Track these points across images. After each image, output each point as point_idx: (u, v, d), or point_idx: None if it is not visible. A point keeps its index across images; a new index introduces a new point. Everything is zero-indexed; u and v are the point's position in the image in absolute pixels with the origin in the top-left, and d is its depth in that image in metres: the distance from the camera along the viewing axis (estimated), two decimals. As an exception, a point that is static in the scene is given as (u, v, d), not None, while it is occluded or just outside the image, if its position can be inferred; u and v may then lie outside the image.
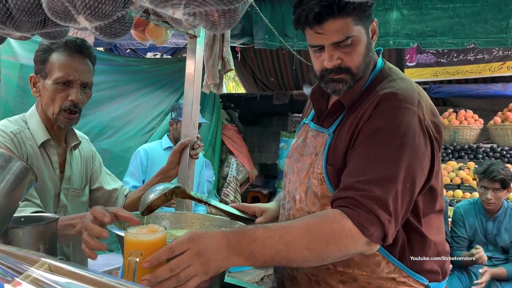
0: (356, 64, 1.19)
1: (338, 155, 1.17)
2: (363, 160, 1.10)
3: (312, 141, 1.30)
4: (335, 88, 1.21)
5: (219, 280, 1.32)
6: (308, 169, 1.26)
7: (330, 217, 1.04)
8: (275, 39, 4.00)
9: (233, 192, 5.26)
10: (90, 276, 0.68)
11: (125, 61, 4.97)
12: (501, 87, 5.36)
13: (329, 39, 1.15)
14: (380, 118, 1.12)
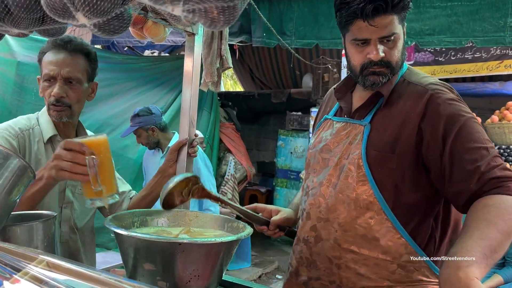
0: (396, 59, 1.28)
1: (386, 142, 1.26)
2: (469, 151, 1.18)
3: (341, 131, 1.37)
4: (375, 80, 1.29)
5: (217, 278, 1.33)
6: (341, 156, 1.33)
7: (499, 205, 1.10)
8: (273, 37, 4.00)
9: (231, 190, 5.26)
10: (88, 273, 0.68)
11: (122, 59, 4.96)
12: (498, 86, 5.38)
13: (378, 33, 1.24)
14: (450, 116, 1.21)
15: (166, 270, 1.20)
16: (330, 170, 1.36)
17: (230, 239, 1.24)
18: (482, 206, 1.12)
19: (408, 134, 1.24)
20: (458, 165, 1.19)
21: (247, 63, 7.64)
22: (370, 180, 1.26)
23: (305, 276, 1.38)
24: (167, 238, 1.27)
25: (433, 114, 1.23)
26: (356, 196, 1.27)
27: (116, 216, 1.40)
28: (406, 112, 1.26)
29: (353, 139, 1.33)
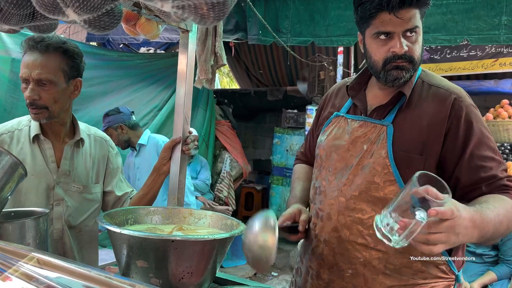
0: (417, 54, 1.27)
1: (414, 143, 1.27)
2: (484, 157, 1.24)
3: (359, 130, 1.36)
4: (398, 75, 1.27)
5: (211, 275, 1.33)
6: (363, 156, 1.32)
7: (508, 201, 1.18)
8: (269, 35, 4.00)
9: (226, 187, 5.26)
10: (79, 270, 0.68)
11: (117, 56, 4.93)
12: (493, 84, 5.39)
13: (402, 26, 1.23)
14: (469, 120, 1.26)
15: (159, 267, 1.20)
16: (352, 169, 1.33)
17: (223, 236, 1.24)
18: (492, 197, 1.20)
19: (435, 137, 1.26)
20: (474, 171, 1.24)
21: (243, 60, 7.63)
22: (399, 180, 1.25)
23: (327, 279, 1.36)
24: (160, 235, 1.26)
25: (456, 119, 1.26)
26: (384, 196, 1.27)
27: (110, 213, 1.40)
28: (432, 114, 1.27)
29: (375, 139, 1.31)
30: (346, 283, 1.32)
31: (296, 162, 1.75)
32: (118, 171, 1.79)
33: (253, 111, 7.90)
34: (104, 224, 1.24)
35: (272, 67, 7.37)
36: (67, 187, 1.59)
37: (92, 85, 4.37)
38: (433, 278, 1.29)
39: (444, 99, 1.28)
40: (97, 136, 1.76)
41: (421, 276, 1.28)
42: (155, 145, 3.43)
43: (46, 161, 1.56)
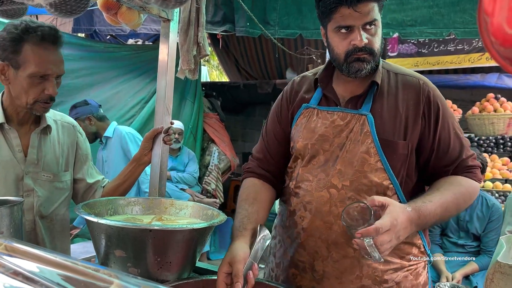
0: (377, 46, 1.32)
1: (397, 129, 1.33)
2: (452, 138, 1.36)
3: (338, 121, 1.37)
4: (360, 67, 1.31)
5: (190, 265, 1.33)
6: (348, 146, 1.35)
7: (464, 183, 1.33)
8: (257, 27, 3.98)
9: (214, 180, 5.26)
10: (46, 256, 0.68)
11: (104, 47, 4.88)
12: (480, 78, 5.43)
13: (361, 19, 1.27)
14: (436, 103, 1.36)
15: (138, 257, 1.20)
16: (339, 160, 1.34)
17: (201, 226, 1.24)
18: (449, 181, 1.33)
19: (413, 121, 1.33)
20: (444, 152, 1.35)
21: (232, 53, 7.60)
22: (386, 167, 1.31)
23: (321, 270, 1.37)
24: (138, 224, 1.26)
25: (427, 103, 1.35)
26: (374, 183, 1.31)
27: (88, 203, 1.39)
28: (407, 101, 1.35)
29: (357, 129, 1.34)
30: (341, 273, 1.34)
31: (247, 175, 1.55)
32: (88, 157, 1.75)
33: (242, 104, 7.88)
34: (82, 214, 1.24)
35: (262, 60, 7.35)
36: (36, 176, 1.54)
37: (78, 76, 4.32)
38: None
39: (414, 85, 1.37)
40: (64, 122, 1.70)
41: (407, 259, 1.36)
42: (119, 137, 3.40)
43: (12, 151, 1.51)
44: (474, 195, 1.37)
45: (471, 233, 3.12)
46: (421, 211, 1.20)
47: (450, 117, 1.37)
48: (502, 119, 4.58)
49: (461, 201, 1.31)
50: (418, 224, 1.19)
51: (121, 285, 0.58)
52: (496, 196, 3.98)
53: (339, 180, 1.33)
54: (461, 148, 1.36)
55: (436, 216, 1.23)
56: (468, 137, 4.68)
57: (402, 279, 1.35)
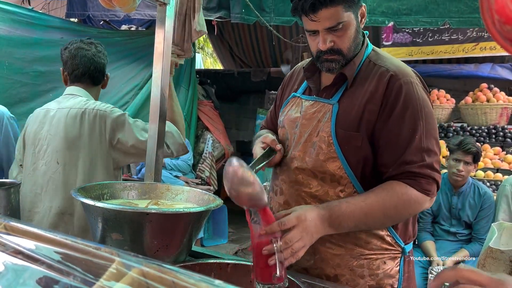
0: (347, 46, 1.33)
1: (352, 121, 1.32)
2: (401, 135, 1.27)
3: (310, 110, 1.41)
4: (329, 67, 1.35)
5: (187, 249, 1.34)
6: (311, 133, 1.38)
7: (397, 189, 1.25)
8: (252, 14, 3.95)
9: (208, 168, 5.26)
10: (46, 235, 0.68)
11: (97, 33, 4.82)
12: (473, 68, 5.46)
13: (322, 25, 1.28)
14: (399, 95, 1.29)
15: (134, 240, 1.21)
16: (300, 146, 1.40)
17: (198, 210, 1.25)
18: (382, 186, 1.27)
19: (371, 113, 1.31)
20: (388, 153, 1.29)
21: (227, 40, 7.55)
22: (341, 157, 1.32)
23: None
24: (135, 208, 1.27)
25: (389, 97, 1.30)
26: (328, 171, 1.34)
27: (85, 187, 1.39)
28: (370, 92, 1.32)
29: (322, 117, 1.37)
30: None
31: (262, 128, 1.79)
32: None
33: (236, 92, 7.86)
34: (79, 198, 1.24)
35: (256, 48, 7.31)
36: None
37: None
38: (378, 250, 1.36)
39: (382, 77, 1.32)
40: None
41: (366, 247, 1.35)
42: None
43: None
44: (413, 206, 1.26)
45: (462, 221, 3.16)
46: (334, 210, 1.20)
47: (413, 114, 1.27)
48: (494, 109, 4.61)
49: (391, 208, 1.24)
50: (331, 224, 1.19)
51: (123, 263, 0.59)
52: (487, 185, 4.02)
53: (297, 165, 1.39)
54: (407, 148, 1.26)
55: (353, 219, 1.21)
56: (461, 126, 4.72)
57: (357, 266, 1.35)
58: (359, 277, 1.35)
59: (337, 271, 1.35)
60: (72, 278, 0.61)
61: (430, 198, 1.28)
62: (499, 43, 0.45)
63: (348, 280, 1.35)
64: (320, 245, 1.34)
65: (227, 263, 1.33)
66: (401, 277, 1.38)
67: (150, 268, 0.57)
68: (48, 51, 4.17)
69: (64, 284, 0.62)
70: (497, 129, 4.56)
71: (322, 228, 1.18)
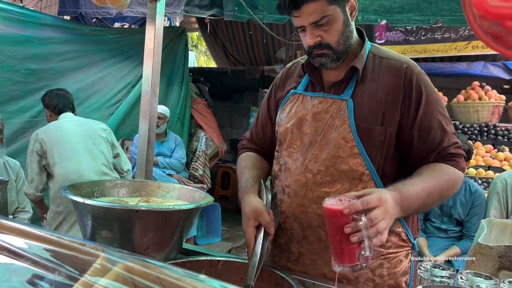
0: (335, 39, 1.31)
1: (372, 115, 1.32)
2: (434, 127, 1.32)
3: (320, 106, 1.38)
4: (320, 62, 1.34)
5: (177, 246, 1.34)
6: (326, 131, 1.35)
7: (447, 170, 1.29)
8: (245, 11, 3.95)
9: (202, 166, 5.26)
10: (32, 232, 0.68)
11: (90, 30, 4.79)
12: (465, 66, 5.49)
13: (306, 20, 1.28)
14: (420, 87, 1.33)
15: (124, 238, 1.21)
16: (317, 145, 1.35)
17: (188, 207, 1.25)
18: (431, 168, 1.30)
19: (392, 106, 1.31)
20: (423, 140, 1.32)
21: (221, 38, 7.54)
22: (362, 152, 1.30)
23: (296, 252, 1.39)
24: (124, 205, 1.26)
25: (409, 87, 1.32)
26: (349, 168, 1.31)
27: (74, 185, 1.39)
28: (387, 85, 1.32)
29: (336, 114, 1.34)
30: (315, 255, 1.36)
31: (242, 151, 1.64)
32: None
33: (230, 91, 7.85)
34: (68, 195, 1.23)
35: (250, 46, 7.31)
36: None
37: (63, 60, 4.26)
38: (395, 248, 1.35)
39: (396, 69, 1.34)
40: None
41: (385, 246, 1.32)
42: None
43: None
44: (458, 184, 1.32)
45: (454, 218, 3.18)
46: (403, 192, 1.17)
47: (435, 103, 1.33)
48: (486, 107, 4.64)
49: (444, 188, 1.27)
50: (402, 206, 1.16)
51: (108, 258, 0.59)
52: (479, 182, 4.05)
53: (315, 165, 1.34)
54: (443, 135, 1.32)
55: (419, 200, 1.20)
56: (453, 124, 4.74)
57: (377, 266, 1.34)
58: (379, 277, 1.34)
59: (359, 273, 1.33)
60: (58, 274, 0.61)
61: (463, 175, 1.36)
62: (481, 38, 0.45)
63: (368, 281, 1.33)
64: None
65: (218, 260, 1.33)
66: (412, 273, 1.39)
67: (134, 263, 0.56)
68: (40, 49, 4.15)
69: (49, 280, 0.62)
70: (488, 127, 4.60)
71: (397, 210, 1.14)
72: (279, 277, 1.24)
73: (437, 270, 1.06)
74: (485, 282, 1.03)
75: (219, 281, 0.54)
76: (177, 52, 5.28)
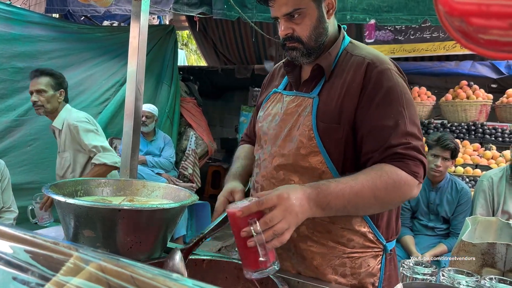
0: (306, 34, 1.31)
1: (332, 113, 1.29)
2: (385, 121, 1.24)
3: (291, 105, 1.39)
4: (291, 55, 1.35)
5: (161, 246, 1.33)
6: (291, 128, 1.35)
7: (387, 169, 1.19)
8: (234, 10, 3.94)
9: (191, 165, 5.24)
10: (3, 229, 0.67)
11: (78, 29, 4.75)
12: (454, 65, 5.54)
13: (279, 11, 1.28)
14: (377, 82, 1.27)
15: (107, 237, 1.20)
16: (280, 141, 1.37)
17: (171, 206, 1.24)
18: (375, 166, 1.22)
19: (350, 104, 1.28)
20: (373, 136, 1.26)
21: (211, 37, 7.52)
22: (322, 151, 1.29)
23: None
24: (107, 204, 1.25)
25: (367, 82, 1.28)
26: (310, 166, 1.31)
27: (57, 184, 1.37)
28: (348, 82, 1.30)
29: (302, 111, 1.35)
30: (280, 248, 1.35)
31: (241, 143, 1.74)
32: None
33: (220, 89, 7.84)
34: (50, 194, 1.22)
35: (240, 45, 7.30)
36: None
37: (51, 58, 4.21)
38: (360, 248, 1.33)
39: (359, 66, 1.30)
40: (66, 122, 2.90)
41: (348, 245, 1.32)
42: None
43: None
44: (403, 188, 1.19)
45: (440, 216, 3.20)
46: (321, 189, 1.11)
47: (395, 101, 1.25)
48: (474, 106, 4.68)
49: (380, 189, 1.16)
50: (318, 203, 1.09)
51: (81, 257, 0.58)
52: (466, 181, 4.08)
53: (278, 161, 1.36)
54: (392, 133, 1.22)
55: (344, 199, 1.13)
56: (441, 123, 4.78)
57: (339, 264, 1.32)
58: (341, 276, 1.32)
59: (319, 271, 1.33)
60: (30, 273, 0.60)
61: (418, 182, 1.22)
62: (452, 36, 0.45)
63: (330, 280, 1.32)
64: (301, 243, 1.33)
65: (203, 259, 1.33)
66: (382, 276, 1.35)
67: (108, 262, 0.56)
68: (27, 47, 4.10)
69: (21, 280, 0.61)
70: (476, 125, 4.64)
71: (309, 207, 1.08)
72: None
73: (420, 268, 1.06)
74: (466, 279, 1.03)
75: (192, 280, 0.54)
76: (166, 51, 5.26)
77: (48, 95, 2.85)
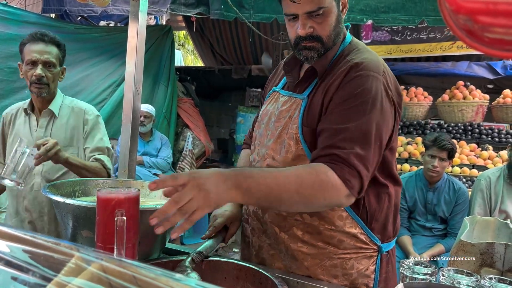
0: (327, 33, 1.27)
1: (314, 117, 1.26)
2: (340, 122, 1.18)
3: (285, 105, 1.36)
4: (307, 55, 1.28)
5: (160, 246, 1.33)
6: (282, 130, 1.33)
7: (317, 168, 1.13)
8: (231, 10, 3.94)
9: (188, 166, 5.23)
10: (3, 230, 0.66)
11: (74, 29, 4.74)
12: (450, 66, 5.56)
13: (303, 8, 1.22)
14: (351, 84, 1.21)
15: (105, 237, 1.19)
16: (271, 144, 1.36)
17: (171, 206, 1.24)
18: (308, 164, 1.19)
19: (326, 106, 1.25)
20: (324, 134, 1.21)
21: (208, 37, 7.51)
22: (308, 155, 1.26)
23: (257, 245, 1.42)
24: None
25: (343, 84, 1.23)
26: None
27: (55, 184, 1.37)
28: (329, 86, 1.26)
29: (293, 113, 1.33)
30: (272, 248, 1.38)
31: (243, 147, 1.71)
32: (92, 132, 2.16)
33: (217, 90, 7.83)
34: (48, 194, 1.21)
35: (237, 45, 7.30)
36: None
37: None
38: (352, 249, 1.31)
39: (344, 68, 1.25)
40: (76, 107, 2.20)
41: (339, 246, 1.30)
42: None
43: (30, 130, 2.07)
44: (329, 190, 1.12)
45: (438, 216, 3.21)
46: (243, 171, 1.10)
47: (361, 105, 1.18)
48: (470, 106, 4.69)
49: (305, 186, 1.10)
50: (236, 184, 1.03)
51: (82, 258, 0.57)
52: (463, 181, 4.10)
53: (268, 163, 1.36)
54: (340, 135, 1.16)
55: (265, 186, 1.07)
56: (438, 123, 4.79)
57: (331, 265, 1.31)
58: (333, 277, 1.31)
59: (310, 271, 1.32)
60: (31, 274, 0.60)
61: (349, 192, 1.14)
62: (456, 35, 0.45)
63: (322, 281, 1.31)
64: (292, 244, 1.33)
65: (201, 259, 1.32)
66: (377, 277, 1.33)
67: (110, 263, 0.55)
68: (23, 47, 4.08)
69: (22, 280, 0.60)
70: (473, 126, 4.65)
71: (226, 188, 1.01)
72: (262, 276, 1.23)
73: (419, 268, 1.06)
74: (466, 279, 1.03)
75: (195, 280, 0.53)
76: (163, 51, 5.25)
77: (56, 71, 2.03)
